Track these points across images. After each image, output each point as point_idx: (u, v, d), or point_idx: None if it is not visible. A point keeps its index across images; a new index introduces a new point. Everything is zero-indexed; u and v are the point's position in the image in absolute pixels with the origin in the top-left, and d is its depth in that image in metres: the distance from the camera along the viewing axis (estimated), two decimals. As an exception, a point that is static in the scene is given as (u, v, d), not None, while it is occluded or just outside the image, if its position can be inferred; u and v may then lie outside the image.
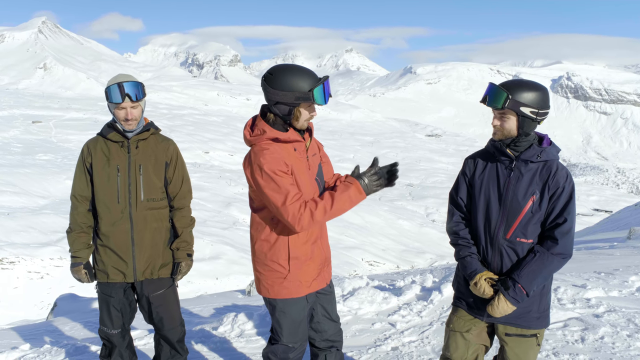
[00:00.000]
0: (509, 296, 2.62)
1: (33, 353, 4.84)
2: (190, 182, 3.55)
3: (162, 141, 3.42)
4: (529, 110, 2.59)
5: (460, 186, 2.88)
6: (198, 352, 4.70)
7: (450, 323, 2.93)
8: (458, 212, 2.88)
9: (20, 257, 38.35)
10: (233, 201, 68.09)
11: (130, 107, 3.21)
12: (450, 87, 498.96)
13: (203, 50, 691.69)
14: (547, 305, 2.77)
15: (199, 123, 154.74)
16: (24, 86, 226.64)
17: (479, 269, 2.74)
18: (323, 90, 2.70)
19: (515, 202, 2.66)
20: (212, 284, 36.76)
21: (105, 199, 3.28)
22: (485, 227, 2.75)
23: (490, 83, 2.70)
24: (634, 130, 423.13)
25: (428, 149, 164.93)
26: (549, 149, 2.66)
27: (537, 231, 2.67)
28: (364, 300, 5.66)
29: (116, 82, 3.17)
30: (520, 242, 2.67)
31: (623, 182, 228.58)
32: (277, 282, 2.87)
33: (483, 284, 2.70)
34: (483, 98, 2.70)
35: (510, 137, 2.67)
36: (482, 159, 2.83)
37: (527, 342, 2.77)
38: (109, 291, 3.40)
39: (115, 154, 3.29)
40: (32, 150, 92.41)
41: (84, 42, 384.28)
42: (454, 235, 2.86)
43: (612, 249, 11.54)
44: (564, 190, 2.61)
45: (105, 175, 3.28)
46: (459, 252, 2.82)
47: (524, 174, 2.66)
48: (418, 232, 71.53)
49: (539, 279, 2.62)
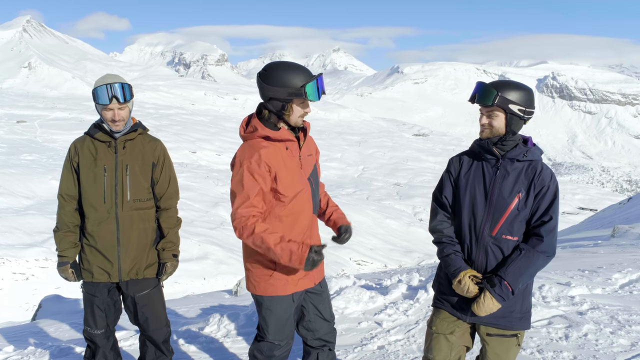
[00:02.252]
0: (495, 293, 2.63)
1: (17, 355, 4.79)
2: (177, 182, 3.54)
3: (149, 141, 3.41)
4: (517, 108, 2.64)
5: (445, 185, 2.90)
6: (184, 352, 4.68)
7: (432, 325, 2.92)
8: (442, 211, 2.90)
9: (5, 258, 37.92)
10: (220, 201, 67.78)
11: (118, 109, 3.21)
12: (437, 86, 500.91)
13: (190, 50, 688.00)
14: (529, 306, 2.79)
15: (186, 123, 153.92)
16: (8, 85, 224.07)
17: (462, 267, 2.75)
18: (316, 87, 2.72)
19: (502, 199, 2.69)
20: (200, 284, 36.59)
21: (92, 199, 3.28)
22: (471, 224, 2.76)
23: (478, 82, 2.74)
24: (618, 129, 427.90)
25: (415, 149, 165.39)
26: (533, 149, 2.72)
27: (522, 229, 2.71)
28: (350, 300, 5.67)
29: (104, 84, 3.15)
30: (505, 240, 2.69)
31: (608, 180, 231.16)
32: (263, 279, 2.90)
33: (467, 281, 2.70)
34: (472, 97, 2.73)
35: (498, 135, 2.70)
36: (467, 158, 2.86)
37: (507, 342, 2.79)
38: (93, 291, 3.39)
39: (102, 153, 3.29)
40: (16, 150, 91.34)
41: (69, 41, 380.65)
42: (438, 234, 2.87)
43: (596, 247, 11.65)
44: (549, 189, 2.66)
45: (91, 175, 3.27)
46: (443, 250, 2.83)
47: (510, 172, 2.70)
48: (406, 232, 71.71)
49: (524, 277, 2.64)
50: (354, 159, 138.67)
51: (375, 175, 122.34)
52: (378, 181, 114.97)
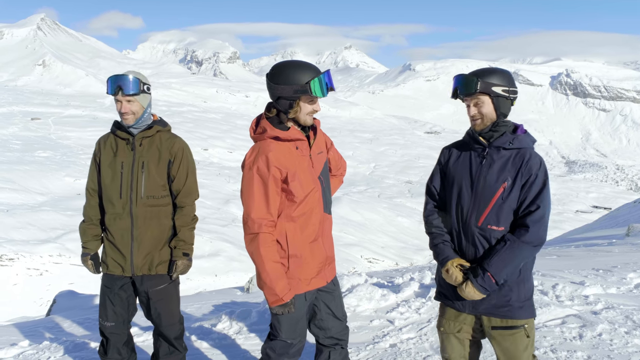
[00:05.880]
0: (477, 284, 2.62)
1: (32, 349, 4.85)
2: (196, 181, 3.53)
3: (168, 138, 3.44)
4: (500, 89, 2.62)
5: (434, 175, 2.90)
6: (197, 348, 4.71)
7: (440, 326, 2.93)
8: (432, 200, 2.90)
9: (20, 253, 38.37)
10: (232, 198, 68.09)
11: (126, 101, 3.26)
12: (449, 84, 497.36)
13: (202, 47, 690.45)
14: (528, 295, 2.74)
15: (198, 120, 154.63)
16: (22, 83, 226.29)
17: (450, 256, 2.74)
18: (322, 83, 2.71)
19: (487, 188, 2.66)
20: (211, 281, 36.79)
21: (110, 194, 3.36)
22: (458, 215, 2.75)
23: (456, 75, 2.71)
24: (633, 127, 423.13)
25: (427, 146, 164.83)
26: (522, 137, 2.67)
27: (509, 219, 2.65)
28: (362, 298, 5.67)
29: (113, 75, 3.27)
30: (491, 230, 2.66)
31: (622, 179, 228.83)
32: None
33: (454, 270, 2.69)
34: (453, 91, 2.71)
35: (491, 122, 2.67)
36: (457, 148, 2.85)
37: (514, 335, 2.73)
38: (108, 282, 3.46)
39: (121, 150, 3.37)
40: (31, 147, 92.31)
41: (83, 39, 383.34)
42: (428, 225, 2.88)
43: (610, 246, 11.56)
44: (537, 178, 2.60)
45: (110, 170, 3.36)
46: (433, 240, 2.84)
47: (495, 160, 2.66)
48: (417, 229, 71.46)
49: (508, 267, 2.60)
50: (365, 156, 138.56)
51: (387, 173, 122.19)
52: (390, 179, 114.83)
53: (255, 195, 2.75)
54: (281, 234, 2.82)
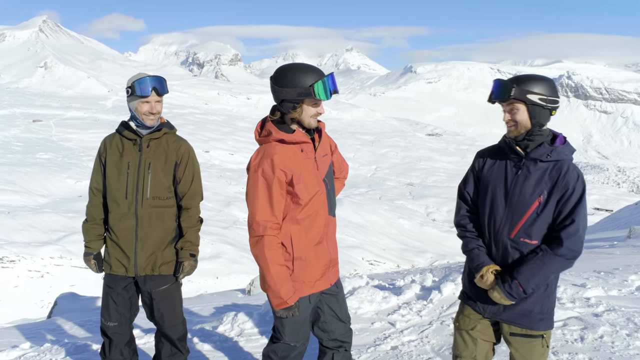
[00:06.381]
0: (504, 289, 2.61)
1: (33, 352, 4.85)
2: (201, 183, 3.56)
3: (174, 141, 3.46)
4: (536, 97, 2.56)
5: (468, 180, 2.87)
6: (198, 351, 4.71)
7: (456, 321, 2.94)
8: (465, 205, 2.88)
9: (21, 255, 38.34)
10: (233, 200, 68.06)
11: (155, 102, 3.29)
12: (450, 86, 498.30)
13: (203, 50, 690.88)
14: (550, 307, 2.74)
15: (199, 122, 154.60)
16: (24, 85, 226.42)
17: (486, 262, 2.72)
18: (326, 85, 2.70)
19: (522, 201, 2.62)
20: (213, 283, 36.75)
21: (115, 194, 3.37)
22: (490, 224, 2.73)
23: (495, 79, 2.67)
24: (635, 129, 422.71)
25: (428, 148, 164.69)
26: (560, 148, 2.60)
27: (542, 233, 2.62)
28: (363, 300, 5.67)
29: (146, 76, 3.25)
30: (524, 243, 2.63)
31: (623, 181, 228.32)
32: None
33: (489, 276, 2.68)
34: (490, 96, 2.67)
35: (525, 130, 2.62)
36: (492, 154, 2.81)
37: (531, 343, 2.74)
38: (111, 282, 3.47)
39: (128, 151, 3.38)
40: (32, 149, 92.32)
41: (85, 41, 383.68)
42: (461, 229, 2.85)
43: (612, 248, 11.53)
44: (574, 192, 2.55)
45: (116, 171, 3.37)
46: (467, 245, 2.81)
47: (532, 172, 2.62)
48: (418, 232, 71.41)
49: (537, 278, 2.59)
50: (366, 158, 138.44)
51: (388, 175, 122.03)
52: (391, 181, 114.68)
53: (260, 198, 2.75)
54: (286, 236, 2.82)
